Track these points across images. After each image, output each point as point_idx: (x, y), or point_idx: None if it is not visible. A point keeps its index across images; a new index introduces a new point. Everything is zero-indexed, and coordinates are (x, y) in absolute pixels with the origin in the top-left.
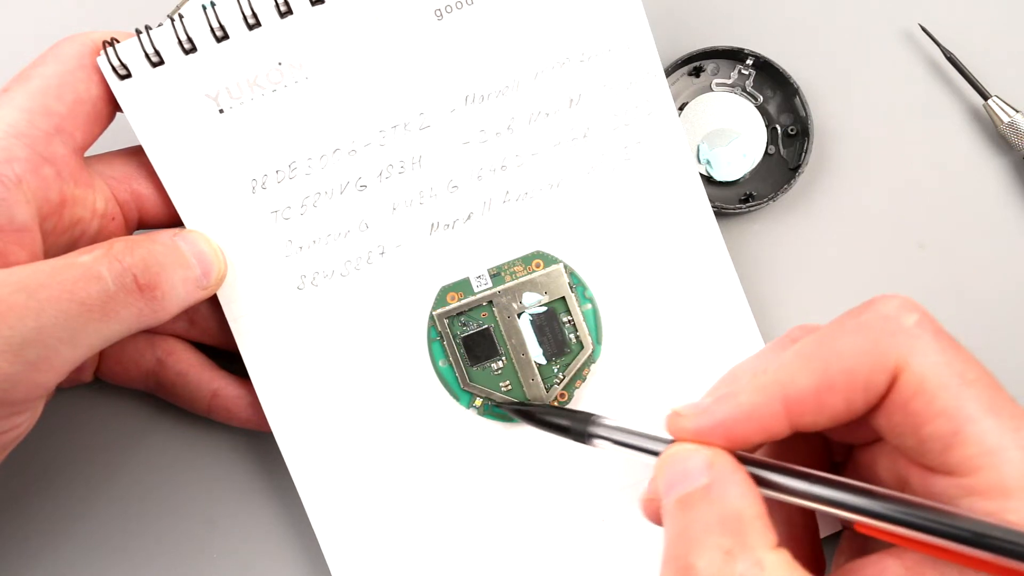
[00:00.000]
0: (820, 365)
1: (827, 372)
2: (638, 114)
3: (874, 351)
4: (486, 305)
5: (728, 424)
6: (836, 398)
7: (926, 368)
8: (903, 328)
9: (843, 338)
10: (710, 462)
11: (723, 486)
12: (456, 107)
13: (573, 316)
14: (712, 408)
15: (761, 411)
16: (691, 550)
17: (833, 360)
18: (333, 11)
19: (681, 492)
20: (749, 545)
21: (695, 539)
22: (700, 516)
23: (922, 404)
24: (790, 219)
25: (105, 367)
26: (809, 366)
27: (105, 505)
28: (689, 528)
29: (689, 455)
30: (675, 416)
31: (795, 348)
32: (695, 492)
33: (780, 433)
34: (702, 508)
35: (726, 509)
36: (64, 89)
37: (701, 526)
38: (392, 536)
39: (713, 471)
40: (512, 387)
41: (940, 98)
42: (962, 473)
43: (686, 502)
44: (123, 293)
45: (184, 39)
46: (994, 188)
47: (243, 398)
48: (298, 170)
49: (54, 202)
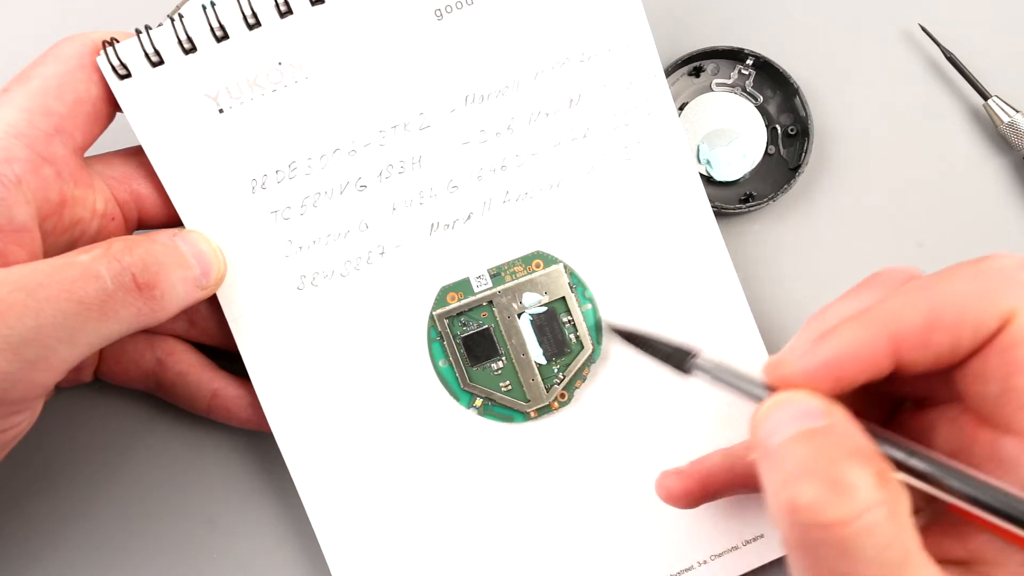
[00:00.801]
0: (930, 303)
1: (937, 310)
2: (638, 114)
3: (988, 295)
4: (486, 305)
5: (835, 362)
6: (944, 336)
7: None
8: (1019, 280)
9: (956, 280)
10: (828, 408)
11: (845, 427)
12: (456, 107)
13: (573, 316)
14: (816, 348)
15: (867, 348)
16: (838, 465)
17: (946, 298)
18: (333, 11)
19: (801, 427)
20: (890, 476)
21: (840, 457)
22: (835, 443)
23: (1020, 355)
24: (790, 219)
25: (105, 367)
26: (919, 303)
27: (105, 505)
28: (826, 449)
29: (806, 398)
30: (776, 364)
31: (902, 288)
32: (818, 429)
33: (884, 371)
34: (833, 438)
35: (855, 445)
36: (64, 89)
37: (846, 446)
38: (392, 536)
39: (833, 415)
40: (512, 387)
41: (940, 98)
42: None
43: (810, 436)
44: (122, 292)
45: (184, 39)
46: (994, 188)
47: (243, 398)
48: (298, 170)
49: (54, 202)
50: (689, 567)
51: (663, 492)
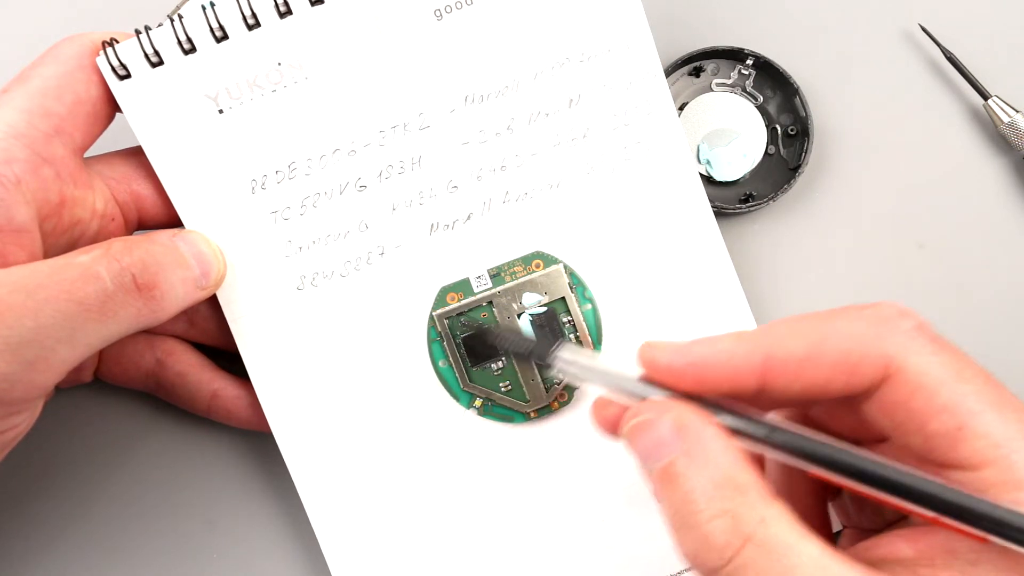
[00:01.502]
0: (813, 338)
1: (818, 345)
2: (638, 114)
3: (871, 340)
4: (486, 305)
5: (701, 365)
6: (818, 372)
7: (924, 366)
8: (902, 328)
9: (842, 320)
10: (679, 425)
11: (702, 448)
12: (456, 107)
13: (573, 316)
14: (689, 347)
15: (738, 361)
16: (699, 520)
17: (828, 336)
18: (333, 11)
19: (661, 463)
20: (750, 503)
21: (699, 509)
22: (692, 484)
23: (923, 401)
24: (790, 219)
25: (105, 367)
26: (801, 335)
27: (105, 505)
28: (688, 498)
29: (656, 424)
30: (648, 347)
31: (789, 318)
32: (676, 461)
33: (748, 388)
34: (690, 475)
35: (716, 471)
36: (63, 90)
37: (700, 494)
38: (392, 536)
39: (687, 434)
40: (512, 387)
41: (940, 98)
42: (972, 467)
43: (670, 475)
44: (121, 293)
45: (184, 39)
46: (994, 188)
47: (243, 398)
48: (298, 170)
49: (53, 203)
50: (689, 567)
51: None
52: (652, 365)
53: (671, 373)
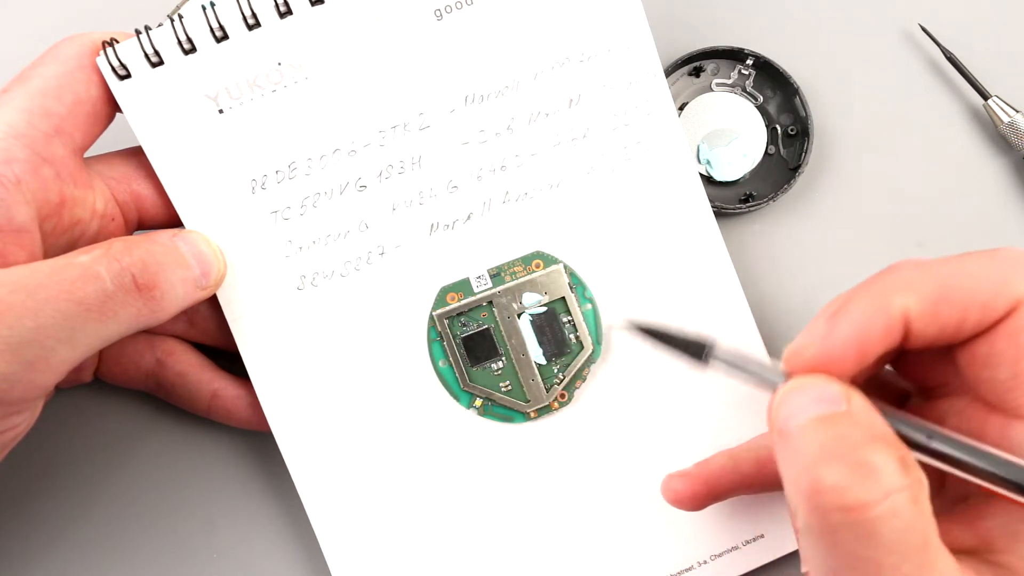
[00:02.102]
0: (942, 277)
1: (948, 284)
2: (638, 114)
3: (1000, 278)
4: (486, 305)
5: (854, 339)
6: (952, 311)
7: None
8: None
9: (969, 262)
10: (845, 392)
11: (865, 411)
12: (456, 107)
13: (573, 316)
14: (833, 329)
15: (881, 319)
16: (865, 450)
17: (958, 275)
18: (333, 11)
19: (819, 412)
20: (911, 462)
21: (864, 441)
22: (855, 428)
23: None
24: (790, 219)
25: (105, 367)
26: (930, 276)
27: (104, 505)
28: (849, 433)
29: (823, 383)
30: (797, 351)
31: (910, 262)
32: (837, 414)
33: (898, 343)
34: (853, 424)
35: (876, 429)
36: (63, 90)
37: (864, 434)
38: (392, 536)
39: (851, 399)
40: (512, 387)
41: (940, 98)
42: None
43: (831, 420)
44: (121, 293)
45: (184, 39)
46: (994, 188)
47: (243, 398)
48: (298, 170)
49: (53, 203)
50: (689, 567)
51: (670, 495)
52: (808, 366)
53: (830, 361)
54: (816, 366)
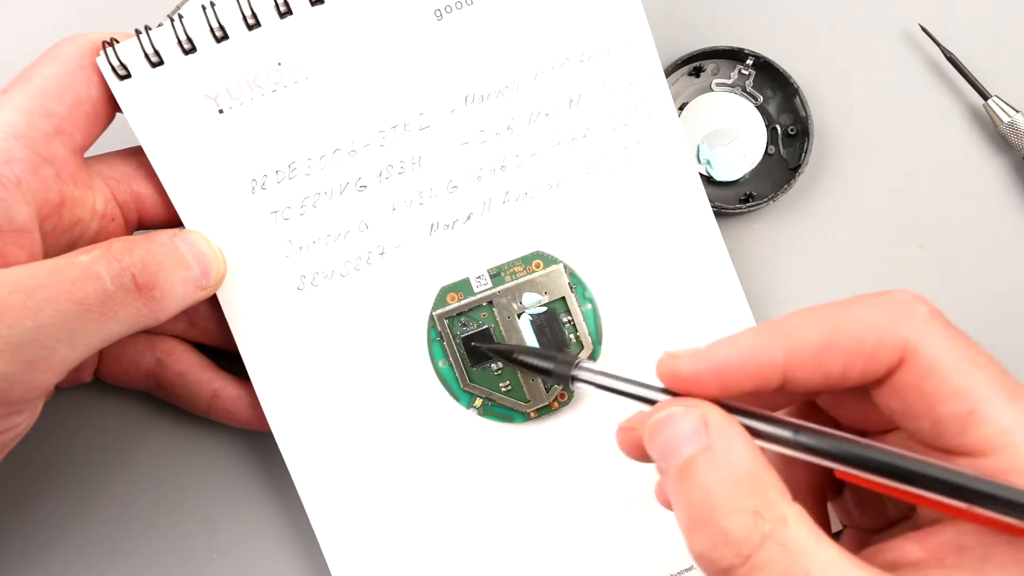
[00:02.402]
0: (829, 325)
1: (834, 332)
2: (638, 114)
3: (886, 325)
4: (486, 305)
5: (725, 367)
6: (836, 359)
7: (938, 350)
8: (917, 314)
9: (857, 308)
10: (704, 420)
11: (726, 444)
12: (456, 107)
13: (573, 316)
14: (710, 350)
15: (760, 357)
16: (718, 516)
17: (844, 323)
18: (333, 11)
19: (681, 458)
20: (771, 501)
21: (718, 504)
22: (714, 479)
23: (935, 385)
24: (790, 219)
25: (105, 367)
26: (817, 323)
27: (105, 505)
28: (707, 494)
29: (680, 417)
30: (669, 357)
31: (804, 310)
32: (697, 456)
33: (772, 384)
34: (712, 471)
35: (738, 468)
36: (64, 90)
37: (720, 490)
38: (392, 536)
39: (711, 430)
40: (512, 387)
41: (940, 98)
42: (980, 454)
43: (690, 468)
44: (121, 293)
45: (184, 39)
46: (994, 188)
47: (243, 398)
48: (298, 170)
49: (53, 203)
50: (689, 567)
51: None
52: (674, 375)
53: (695, 381)
54: (678, 379)
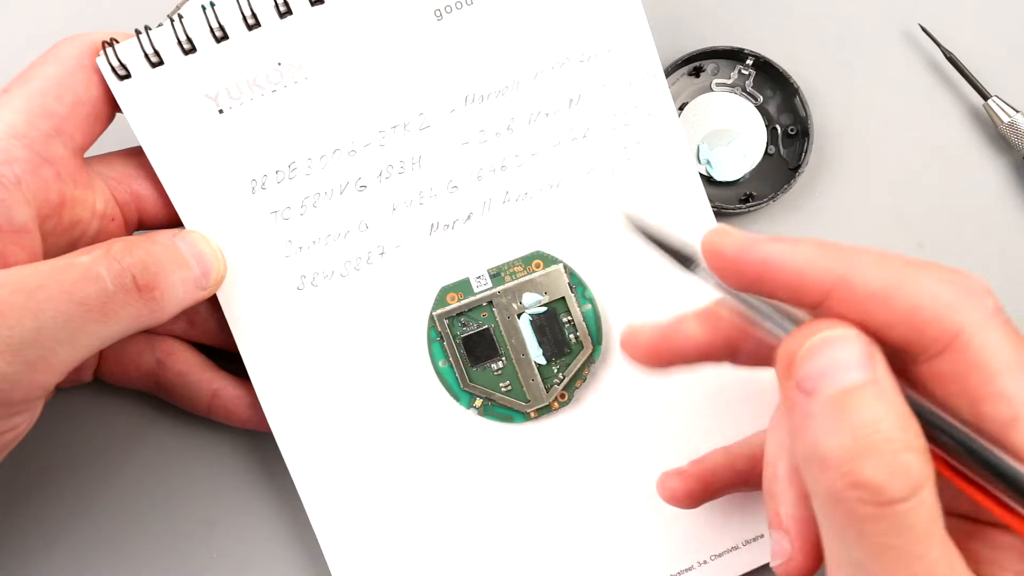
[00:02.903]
0: (894, 279)
1: (896, 288)
2: (638, 114)
3: (948, 306)
4: (486, 305)
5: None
6: (884, 314)
7: (993, 348)
8: (983, 305)
9: (928, 275)
10: (871, 354)
11: (890, 384)
12: (456, 107)
13: (573, 316)
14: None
15: (810, 271)
16: (895, 448)
17: (909, 284)
18: (333, 11)
19: (844, 383)
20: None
21: (894, 437)
22: (886, 412)
23: (980, 381)
24: (790, 219)
25: (104, 367)
26: (883, 271)
27: (104, 505)
28: (879, 423)
29: (844, 342)
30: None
31: (878, 250)
32: (866, 385)
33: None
34: (881, 404)
35: (904, 410)
36: (63, 90)
37: (893, 423)
38: (392, 536)
39: (876, 365)
40: (512, 387)
41: (940, 98)
42: (1020, 459)
43: (855, 396)
44: (122, 294)
45: (183, 39)
46: (994, 188)
47: (243, 398)
48: (298, 170)
49: (53, 203)
50: (689, 567)
51: (666, 494)
52: (716, 251)
53: (735, 261)
54: (720, 254)
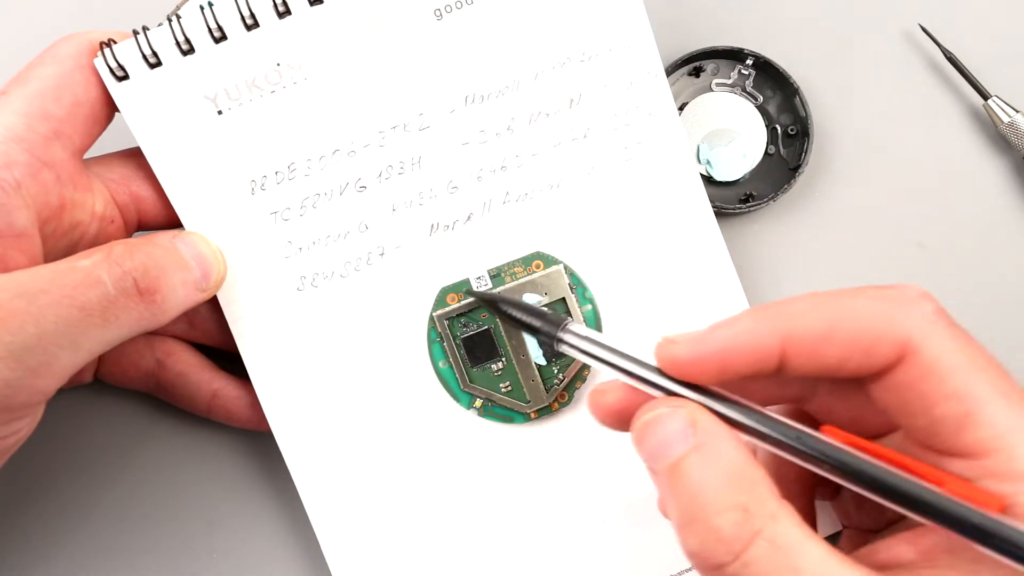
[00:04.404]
0: (830, 315)
1: (835, 322)
2: (638, 114)
3: (889, 320)
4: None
5: (723, 352)
6: (834, 350)
7: (939, 350)
8: (922, 311)
9: (861, 299)
10: (692, 420)
11: (715, 443)
12: (456, 107)
13: (573, 316)
14: (709, 335)
15: (758, 341)
16: (708, 513)
17: (846, 313)
18: (332, 11)
19: (671, 458)
20: (760, 498)
21: (708, 502)
22: (703, 477)
23: (934, 385)
24: (790, 219)
25: (105, 368)
26: (818, 312)
27: (105, 506)
28: (697, 492)
29: (668, 418)
30: (668, 343)
31: (807, 295)
32: (687, 455)
33: (769, 367)
34: (701, 469)
35: (727, 466)
36: (62, 91)
37: (710, 487)
38: (392, 537)
39: (699, 429)
40: (512, 387)
41: (940, 98)
42: (975, 455)
43: (680, 468)
44: (123, 297)
45: (182, 40)
46: (994, 188)
47: (243, 398)
48: (297, 171)
49: (53, 206)
50: (689, 567)
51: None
52: (673, 361)
53: (693, 366)
54: (676, 365)
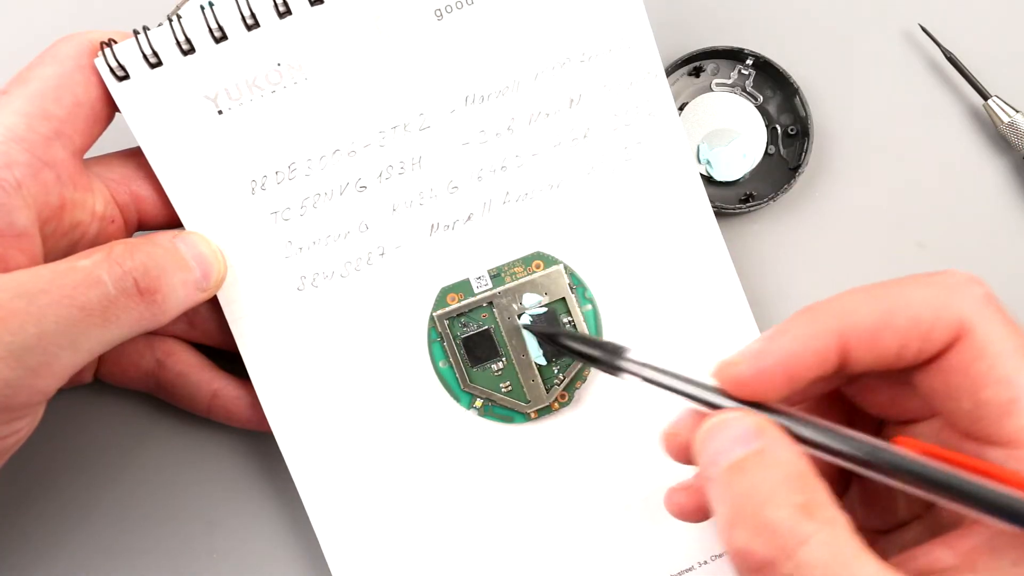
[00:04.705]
0: (885, 304)
1: (891, 311)
2: (638, 114)
3: (943, 305)
4: (486, 306)
5: (787, 360)
6: (892, 339)
7: (991, 335)
8: (973, 294)
9: (913, 287)
10: (759, 427)
11: (778, 448)
12: (456, 107)
13: (573, 317)
14: (767, 347)
15: (818, 342)
16: (763, 507)
17: (901, 302)
18: (332, 11)
19: (732, 459)
20: (820, 502)
21: (765, 498)
22: (764, 476)
23: (983, 368)
24: (790, 219)
25: (105, 368)
26: (873, 303)
27: (105, 506)
28: (755, 488)
29: (735, 422)
30: (728, 366)
31: (855, 289)
32: (749, 456)
33: (829, 370)
34: (762, 470)
35: (789, 470)
36: (62, 91)
37: (769, 485)
38: (392, 537)
39: (763, 437)
40: (512, 387)
41: (940, 98)
42: (1016, 444)
43: (742, 466)
44: (124, 298)
45: (182, 40)
46: (994, 188)
47: (243, 398)
48: (297, 171)
49: (54, 206)
50: (689, 567)
51: (675, 509)
52: (738, 382)
53: (759, 382)
54: (743, 382)
